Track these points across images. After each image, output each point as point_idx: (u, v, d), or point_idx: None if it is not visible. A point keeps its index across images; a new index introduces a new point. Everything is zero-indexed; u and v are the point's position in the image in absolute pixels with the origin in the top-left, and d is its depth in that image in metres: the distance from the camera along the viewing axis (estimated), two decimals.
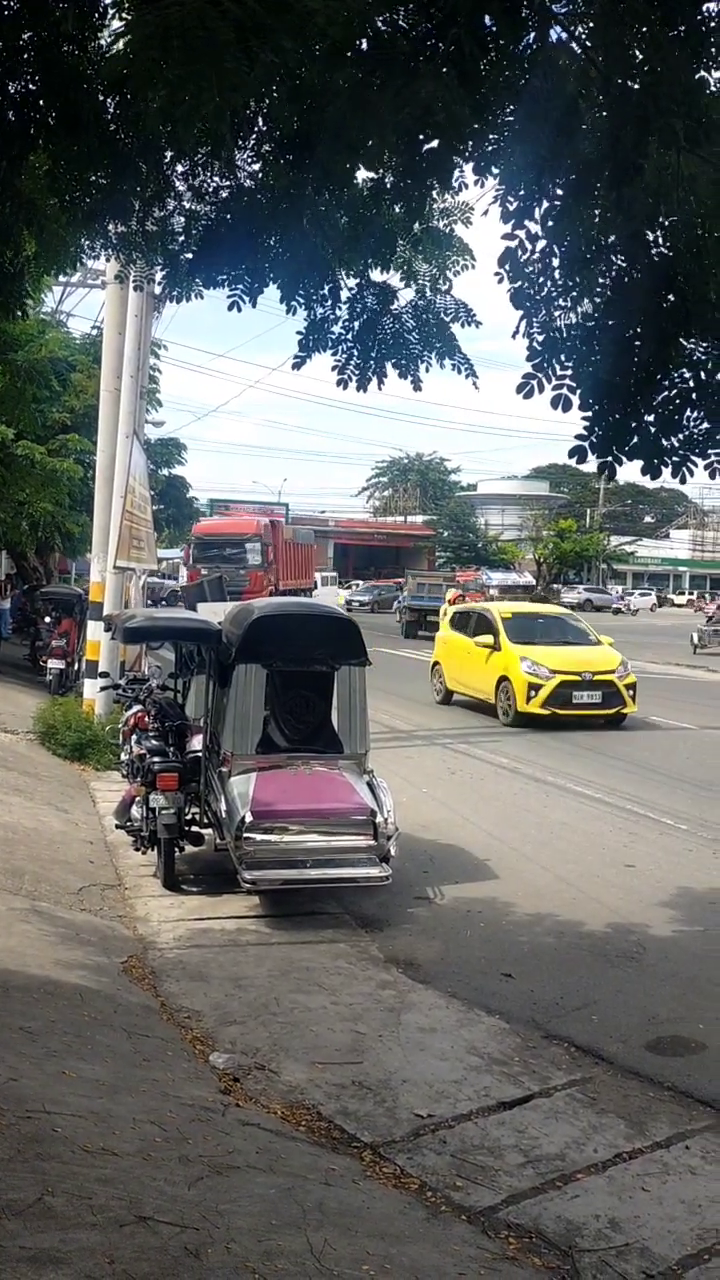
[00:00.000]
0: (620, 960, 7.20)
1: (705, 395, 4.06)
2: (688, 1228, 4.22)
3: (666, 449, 4.10)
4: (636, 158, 3.39)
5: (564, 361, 4.10)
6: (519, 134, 3.71)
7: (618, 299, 3.99)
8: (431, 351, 6.01)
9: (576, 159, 3.64)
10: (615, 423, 4.03)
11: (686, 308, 3.84)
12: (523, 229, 3.81)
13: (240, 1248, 3.55)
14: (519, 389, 4.16)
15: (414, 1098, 5.16)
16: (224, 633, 8.81)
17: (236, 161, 5.51)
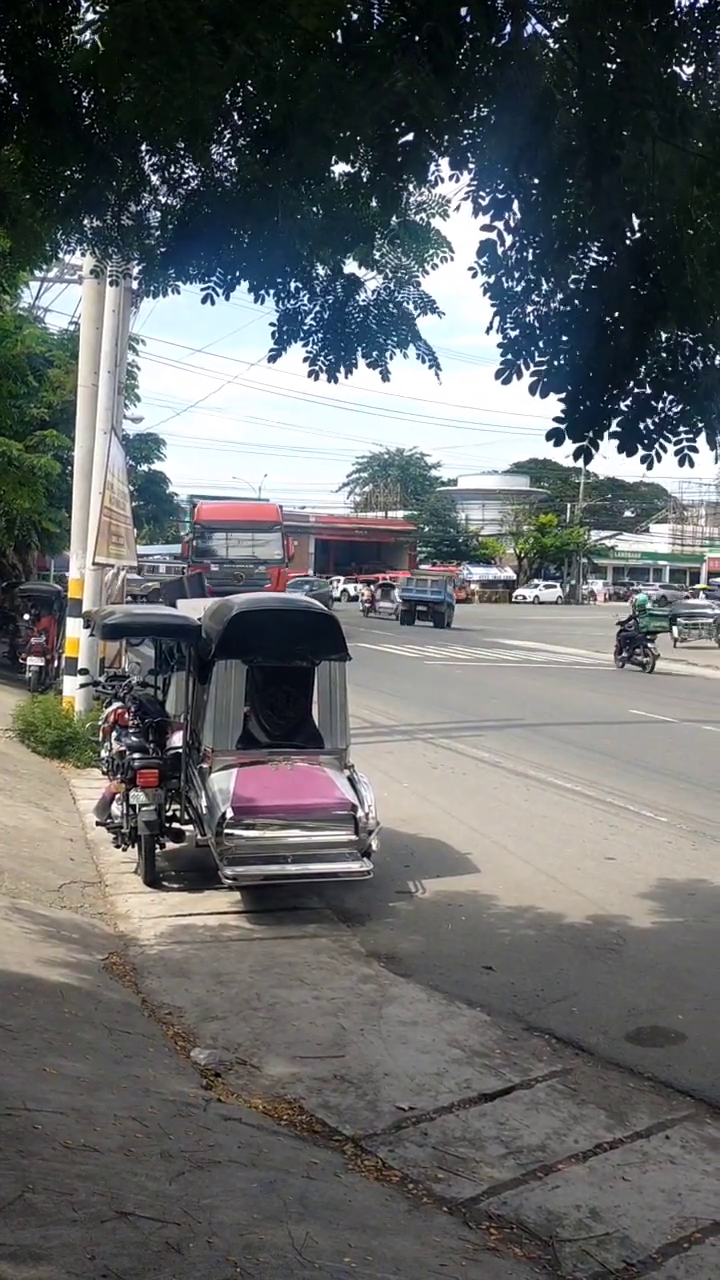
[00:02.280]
0: (600, 952, 7.23)
1: (680, 380, 4.08)
2: (668, 1216, 4.25)
3: (641, 432, 4.13)
4: (612, 148, 3.40)
5: (541, 348, 4.11)
6: (494, 126, 3.71)
7: (595, 287, 4.01)
8: (392, 340, 6.02)
9: (552, 151, 3.64)
10: (591, 407, 4.05)
11: (662, 295, 3.86)
12: (500, 221, 3.82)
13: (222, 1242, 3.55)
14: (498, 375, 4.18)
15: (396, 1091, 5.18)
16: (204, 628, 8.79)
17: (212, 155, 5.49)
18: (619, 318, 3.97)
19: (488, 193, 3.78)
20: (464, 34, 3.41)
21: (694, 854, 9.67)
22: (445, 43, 3.12)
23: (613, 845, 9.88)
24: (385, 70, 3.23)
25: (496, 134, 3.75)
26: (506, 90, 3.54)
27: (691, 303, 3.87)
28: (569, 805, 11.52)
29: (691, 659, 31.94)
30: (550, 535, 70.83)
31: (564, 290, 4.18)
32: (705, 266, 3.87)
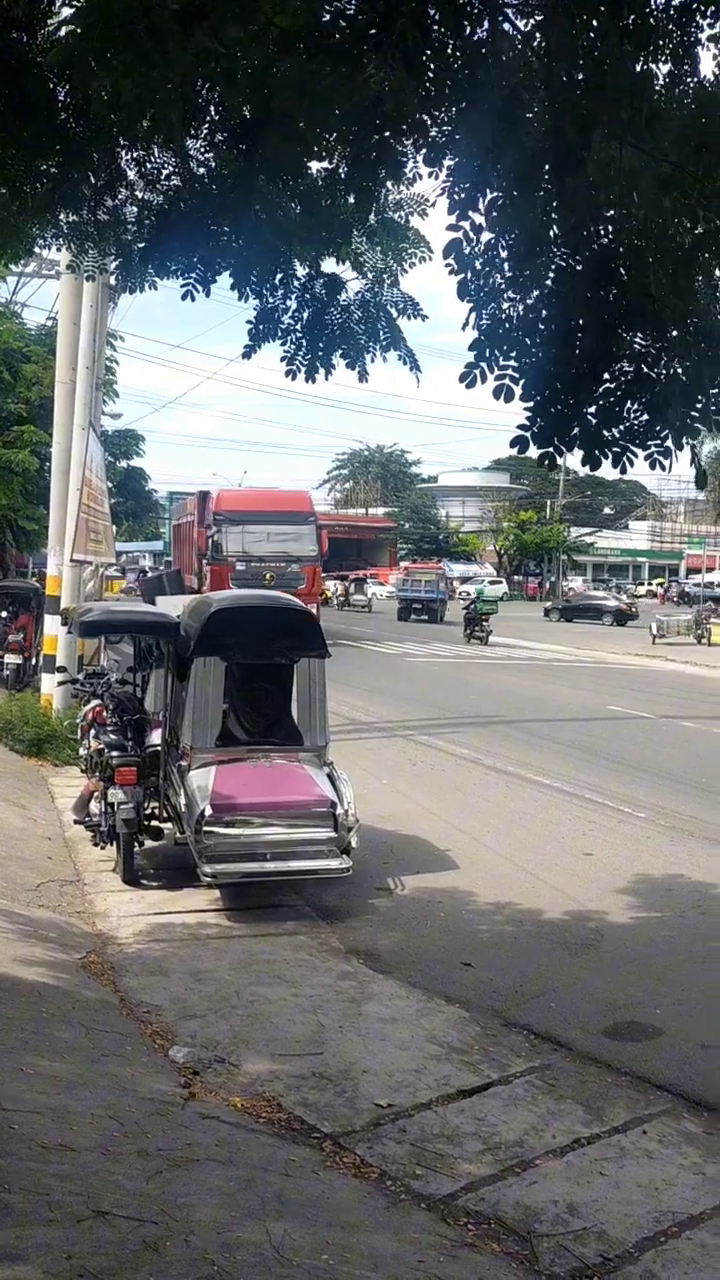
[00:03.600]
0: (579, 948, 7.26)
1: (645, 387, 4.09)
2: (644, 1211, 4.27)
3: (607, 440, 4.14)
4: (579, 149, 3.40)
5: (507, 352, 4.11)
6: (463, 125, 3.71)
7: (560, 291, 4.00)
8: (376, 343, 6.01)
9: (521, 150, 3.64)
10: (557, 413, 4.05)
11: (627, 300, 3.86)
12: (467, 220, 3.81)
13: (199, 1240, 3.55)
14: (462, 378, 4.17)
15: (374, 1087, 5.18)
16: (182, 626, 8.76)
17: (190, 151, 5.47)
18: (583, 323, 3.97)
19: (461, 191, 3.78)
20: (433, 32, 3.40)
21: (671, 849, 9.72)
22: (416, 41, 3.11)
23: (591, 841, 9.91)
24: (358, 67, 3.22)
25: (466, 132, 3.74)
26: (474, 89, 3.53)
27: (655, 309, 3.88)
28: (548, 801, 11.55)
29: (670, 655, 32.12)
30: (530, 532, 70.96)
31: (530, 293, 4.18)
32: (669, 276, 3.87)
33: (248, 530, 28.60)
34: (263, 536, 28.66)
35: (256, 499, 31.77)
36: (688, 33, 4.27)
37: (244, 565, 27.80)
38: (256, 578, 27.18)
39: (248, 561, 27.99)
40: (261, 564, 28.03)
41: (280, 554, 28.58)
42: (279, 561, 28.36)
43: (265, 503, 31.15)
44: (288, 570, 28.02)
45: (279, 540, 28.82)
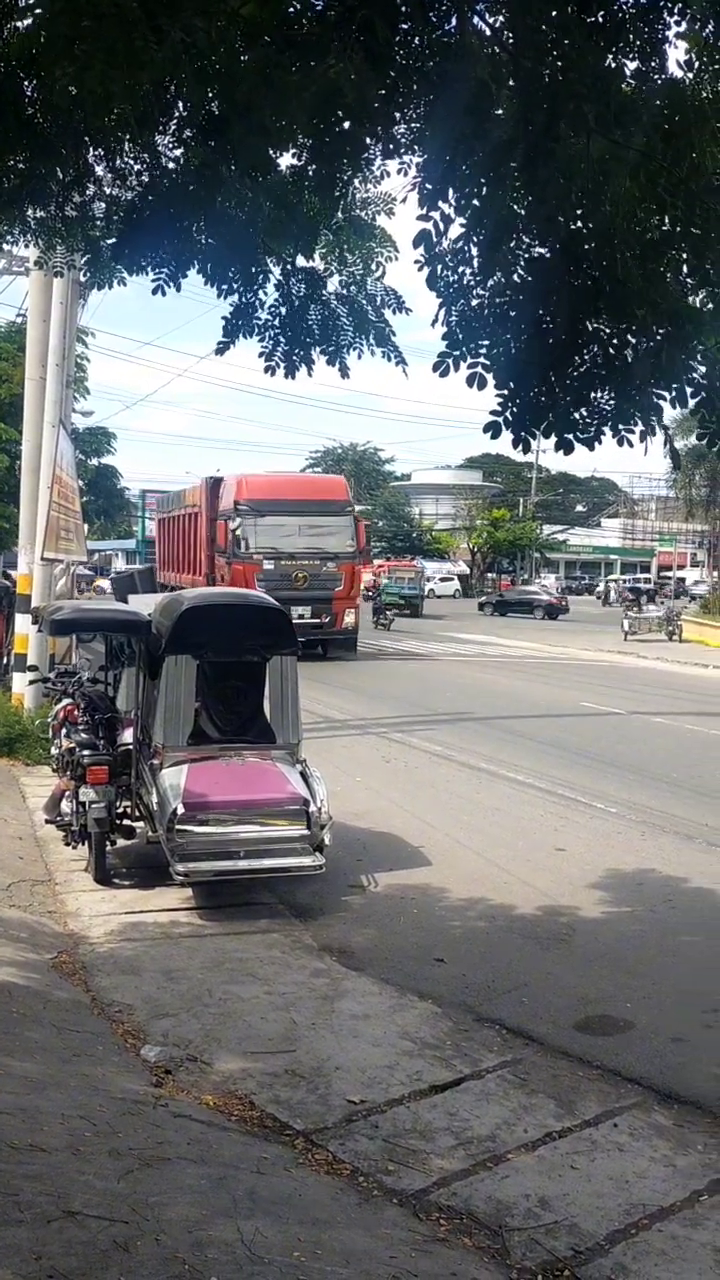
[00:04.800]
0: (551, 942, 7.29)
1: (614, 373, 4.12)
2: (615, 1204, 4.29)
3: (578, 424, 4.16)
4: (547, 140, 3.42)
5: (479, 340, 4.13)
6: (430, 117, 3.72)
7: (530, 279, 4.03)
8: (365, 339, 6.01)
9: (490, 142, 3.65)
10: (528, 399, 4.07)
11: (596, 288, 3.89)
12: (437, 210, 3.82)
13: (170, 1239, 3.53)
14: (435, 367, 4.19)
15: (347, 1084, 5.18)
16: (154, 624, 8.73)
17: (158, 147, 5.44)
18: (554, 310, 4.00)
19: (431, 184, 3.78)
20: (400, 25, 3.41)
21: (642, 844, 9.77)
22: (380, 33, 3.12)
23: (563, 837, 9.96)
24: (320, 58, 3.22)
25: (434, 125, 3.75)
26: (442, 82, 3.54)
27: (623, 295, 3.91)
28: (520, 798, 11.59)
29: (642, 651, 32.29)
30: (503, 530, 71.11)
31: (501, 282, 4.20)
32: (637, 260, 3.90)
33: (276, 522, 24.91)
34: (293, 530, 25.00)
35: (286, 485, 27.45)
36: (655, 29, 4.31)
37: (272, 564, 24.55)
38: (286, 579, 24.31)
39: (276, 559, 24.65)
40: (292, 562, 24.74)
41: (313, 550, 25.13)
42: (312, 559, 25.01)
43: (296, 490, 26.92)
44: (322, 570, 24.92)
45: (312, 534, 25.18)
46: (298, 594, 23.77)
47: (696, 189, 3.71)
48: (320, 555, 25.14)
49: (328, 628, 25.04)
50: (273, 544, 24.82)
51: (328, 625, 25.02)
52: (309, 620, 23.92)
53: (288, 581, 24.14)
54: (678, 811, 10.99)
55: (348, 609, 25.59)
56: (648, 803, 11.38)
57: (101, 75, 3.15)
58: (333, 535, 25.38)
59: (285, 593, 22.49)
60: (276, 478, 29.33)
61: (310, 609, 24.25)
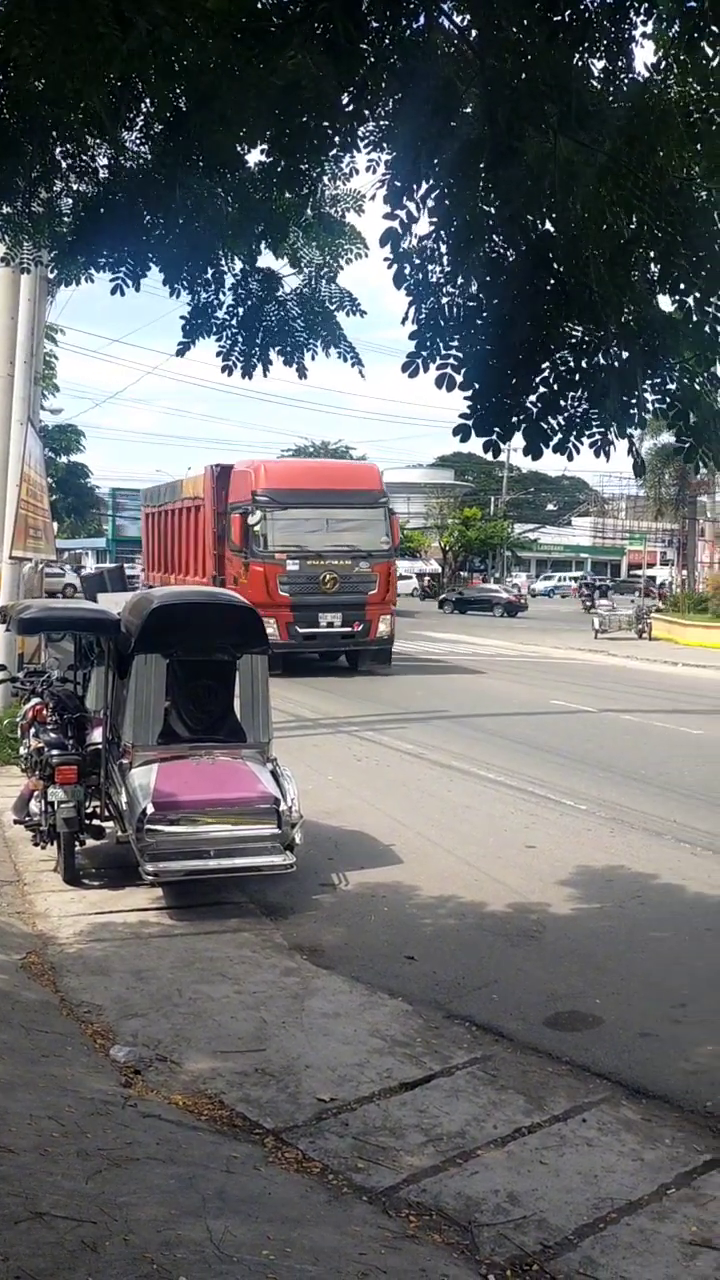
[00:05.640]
0: (521, 939, 7.32)
1: (584, 377, 4.13)
2: (584, 1198, 4.31)
3: (547, 429, 4.17)
4: (512, 140, 3.43)
5: (448, 341, 4.13)
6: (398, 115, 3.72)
7: (497, 280, 4.03)
8: (317, 339, 6.01)
9: (457, 141, 3.66)
10: (497, 402, 4.08)
11: (564, 291, 3.90)
12: (403, 209, 3.83)
13: (139, 1239, 3.52)
14: (404, 368, 4.19)
15: (317, 1082, 5.18)
16: (123, 622, 8.69)
17: (123, 141, 5.42)
18: (520, 313, 4.00)
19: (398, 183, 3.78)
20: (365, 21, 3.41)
21: (612, 841, 9.83)
22: (340, 27, 3.11)
23: (534, 834, 10.00)
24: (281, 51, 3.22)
25: (401, 122, 3.75)
26: (408, 80, 3.55)
27: (593, 299, 3.92)
28: (491, 795, 11.62)
29: (612, 650, 32.47)
30: (474, 528, 71.25)
31: (468, 283, 4.20)
32: (607, 265, 3.91)
33: (300, 516, 21.75)
34: (320, 525, 21.83)
35: (311, 473, 24.36)
36: (622, 30, 4.32)
37: (296, 564, 21.41)
38: (312, 582, 21.50)
39: (301, 559, 21.47)
40: (319, 562, 21.59)
41: (343, 548, 21.96)
42: (342, 558, 21.81)
43: (323, 478, 23.70)
44: (353, 571, 21.80)
45: (341, 529, 22.04)
46: (326, 598, 21.48)
47: (662, 191, 3.73)
48: (351, 554, 21.95)
49: (360, 637, 22.19)
50: (297, 541, 21.65)
51: (360, 635, 22.13)
52: (338, 629, 21.81)
53: (314, 584, 21.45)
54: (647, 808, 11.06)
55: (382, 615, 22.38)
56: (617, 799, 11.45)
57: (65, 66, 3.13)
58: (365, 530, 22.27)
59: (312, 597, 21.41)
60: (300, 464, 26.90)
61: (340, 616, 21.72)
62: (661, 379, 4.15)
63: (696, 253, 3.79)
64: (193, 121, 3.92)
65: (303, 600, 21.22)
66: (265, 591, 20.71)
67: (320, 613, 21.43)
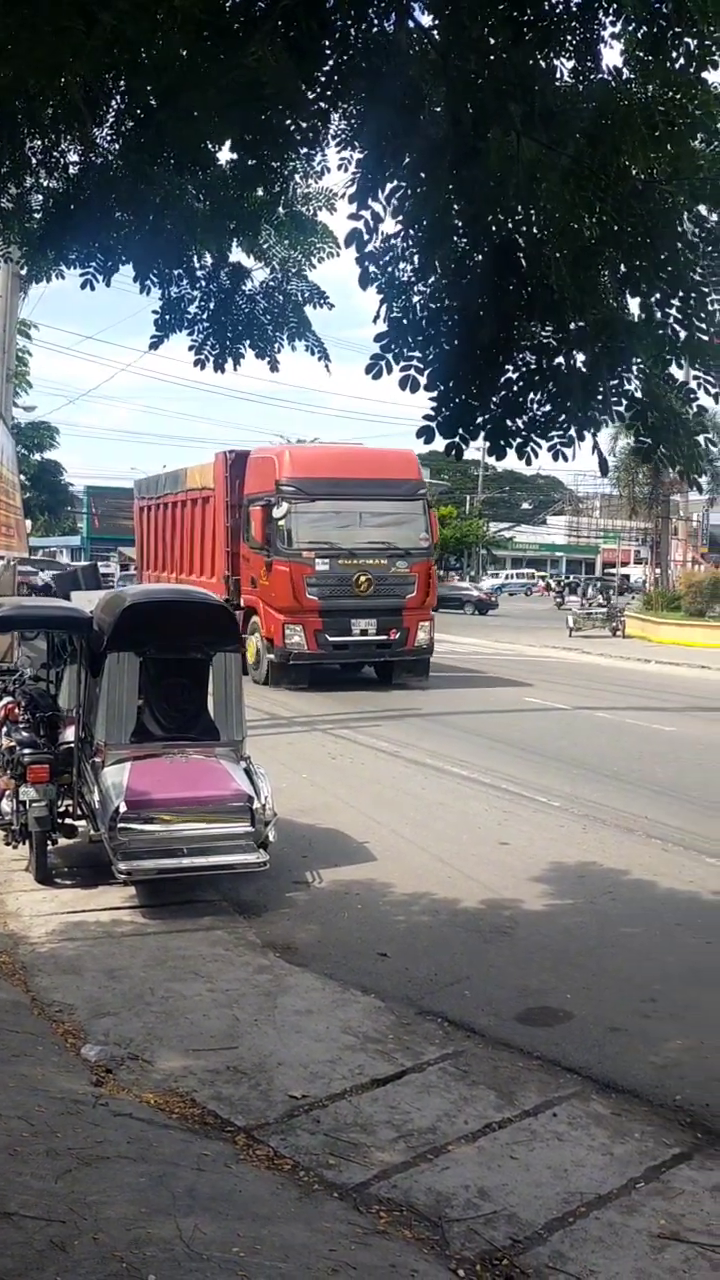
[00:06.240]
0: (493, 935, 7.34)
1: (546, 378, 4.15)
2: (554, 1192, 4.34)
3: (510, 430, 4.19)
4: (475, 141, 3.44)
5: (412, 343, 4.13)
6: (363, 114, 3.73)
7: (461, 280, 4.05)
8: (283, 332, 6.01)
9: (423, 140, 3.67)
10: (461, 403, 4.09)
11: (528, 291, 3.92)
12: (368, 209, 3.83)
13: (108, 1238, 3.52)
14: (368, 369, 4.19)
15: (288, 1079, 5.18)
16: (95, 621, 8.66)
17: (96, 139, 5.40)
18: (485, 313, 4.02)
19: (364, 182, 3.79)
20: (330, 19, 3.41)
21: (584, 837, 9.88)
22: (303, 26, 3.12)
23: (507, 831, 10.03)
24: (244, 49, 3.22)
25: (366, 122, 3.76)
26: (373, 79, 3.55)
27: (555, 300, 3.94)
28: (465, 792, 11.66)
29: (586, 648, 32.61)
30: (450, 527, 71.44)
31: (434, 283, 4.21)
32: (570, 267, 3.93)
33: (332, 509, 19.42)
34: (353, 519, 19.53)
35: (343, 460, 21.03)
36: (590, 29, 4.34)
37: (326, 564, 19.08)
38: (345, 584, 19.18)
39: (332, 557, 19.12)
40: (352, 562, 19.28)
41: (379, 545, 19.59)
42: (377, 557, 19.48)
43: (356, 466, 20.49)
44: (390, 571, 19.51)
45: (377, 524, 19.70)
46: (359, 602, 19.20)
47: (624, 193, 3.75)
48: (388, 552, 19.59)
49: (397, 646, 19.80)
50: (326, 537, 19.23)
51: (397, 644, 19.74)
52: (373, 637, 19.54)
53: (347, 586, 19.12)
54: (619, 805, 11.12)
55: (421, 622, 20.07)
56: (590, 796, 11.51)
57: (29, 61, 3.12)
58: (402, 525, 19.92)
59: (345, 601, 19.12)
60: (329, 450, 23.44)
61: (375, 622, 19.44)
62: (620, 380, 4.17)
63: (659, 254, 3.82)
64: (159, 118, 3.91)
65: (333, 604, 19.10)
66: (291, 594, 19.00)
67: (353, 618, 19.22)
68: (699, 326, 3.97)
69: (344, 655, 20.01)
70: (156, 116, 3.94)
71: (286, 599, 18.84)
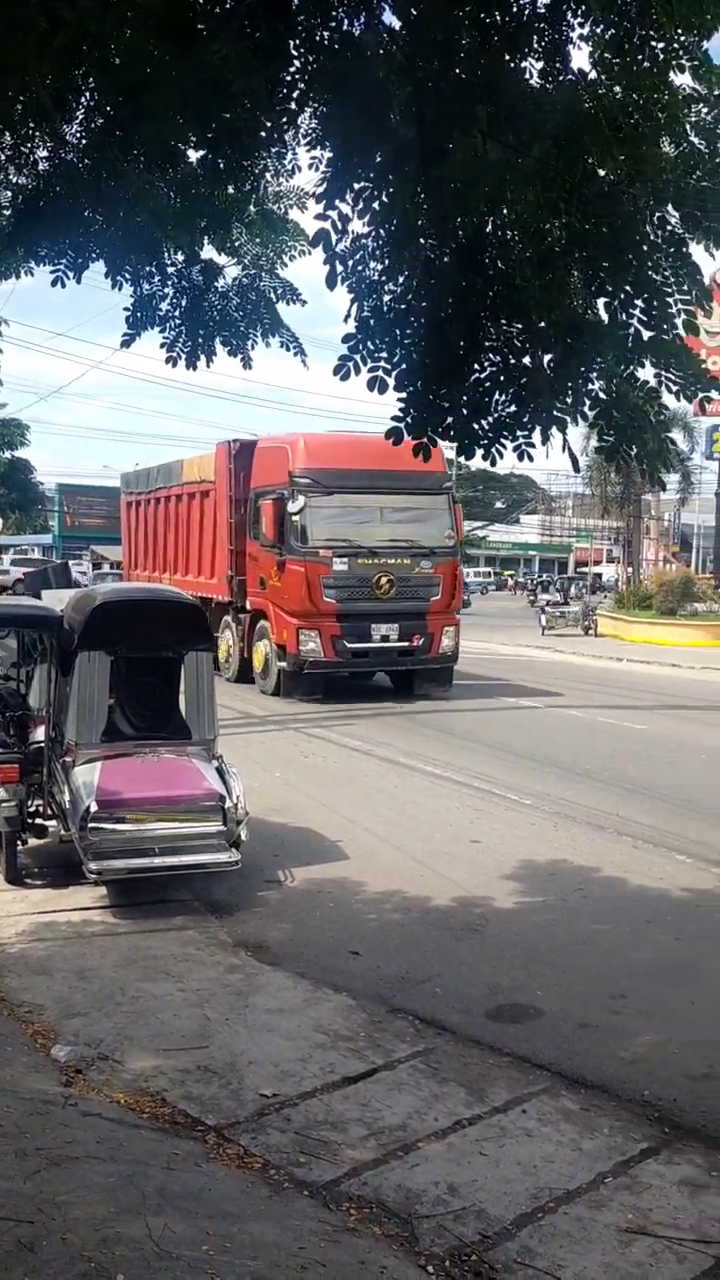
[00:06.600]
0: (464, 933, 7.37)
1: (512, 378, 4.17)
2: (522, 1188, 4.36)
3: (477, 431, 4.20)
4: (442, 142, 3.46)
5: (380, 343, 4.14)
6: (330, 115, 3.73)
7: (428, 281, 4.06)
8: (257, 329, 6.00)
9: (390, 141, 3.68)
10: (429, 404, 4.10)
11: (494, 292, 3.93)
12: (334, 210, 3.84)
13: (77, 1238, 3.51)
14: (336, 370, 4.20)
15: (259, 1078, 5.18)
16: (65, 619, 8.62)
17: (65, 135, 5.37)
18: (452, 314, 4.03)
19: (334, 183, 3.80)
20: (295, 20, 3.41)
21: (555, 835, 9.93)
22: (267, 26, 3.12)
23: (479, 829, 10.07)
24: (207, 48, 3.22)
25: (332, 122, 3.77)
26: (338, 80, 3.56)
27: (521, 303, 3.95)
28: (438, 791, 11.69)
29: (558, 646, 32.75)
30: None
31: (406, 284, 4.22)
32: (536, 268, 3.94)
33: (350, 503, 17.75)
34: (373, 514, 17.87)
35: (361, 450, 18.10)
36: (559, 31, 4.36)
37: (345, 563, 17.42)
38: (364, 585, 17.56)
39: (351, 556, 17.49)
40: (372, 561, 17.64)
41: (401, 543, 18.00)
42: (400, 556, 17.91)
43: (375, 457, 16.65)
44: (414, 572, 17.94)
45: (399, 519, 18.06)
46: (380, 606, 17.62)
47: (589, 195, 3.77)
48: (410, 550, 18.02)
49: (420, 654, 18.32)
50: (344, 534, 17.56)
51: (420, 650, 18.26)
52: (394, 643, 17.97)
53: (367, 588, 17.51)
54: (590, 802, 11.18)
55: (446, 627, 18.60)
56: (562, 794, 11.56)
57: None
58: (426, 522, 18.29)
59: (364, 604, 17.51)
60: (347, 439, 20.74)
61: (397, 628, 17.83)
62: (585, 380, 4.19)
63: (623, 256, 3.84)
64: (124, 116, 3.90)
65: (352, 608, 17.46)
66: (307, 597, 17.33)
67: (373, 623, 17.61)
68: (662, 327, 4.01)
69: (363, 663, 18.54)
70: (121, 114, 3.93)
71: (301, 601, 17.38)
